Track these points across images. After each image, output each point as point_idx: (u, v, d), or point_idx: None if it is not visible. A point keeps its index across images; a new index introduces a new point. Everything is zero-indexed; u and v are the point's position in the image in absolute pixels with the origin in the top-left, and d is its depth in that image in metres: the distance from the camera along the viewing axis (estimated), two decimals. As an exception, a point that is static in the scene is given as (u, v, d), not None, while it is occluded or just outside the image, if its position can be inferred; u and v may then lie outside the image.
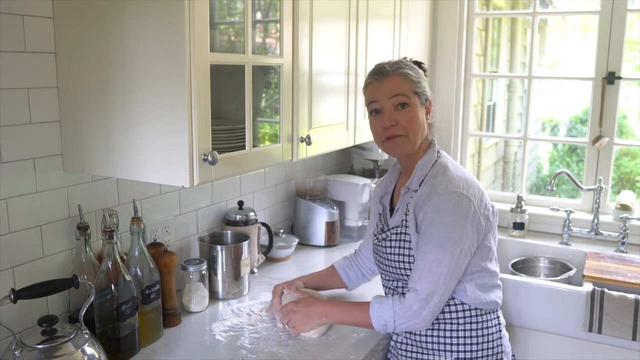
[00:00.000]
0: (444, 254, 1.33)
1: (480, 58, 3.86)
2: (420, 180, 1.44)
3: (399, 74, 1.44)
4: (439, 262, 1.33)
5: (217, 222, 2.01)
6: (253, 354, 1.45)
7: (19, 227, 1.36)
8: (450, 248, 1.33)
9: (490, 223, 1.42)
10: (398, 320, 1.36)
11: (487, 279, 1.44)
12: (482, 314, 1.44)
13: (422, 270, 1.35)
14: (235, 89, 1.51)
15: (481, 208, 1.38)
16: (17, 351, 1.13)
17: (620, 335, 1.94)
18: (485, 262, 1.43)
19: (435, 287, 1.33)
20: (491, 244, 1.44)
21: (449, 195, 1.35)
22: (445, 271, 1.33)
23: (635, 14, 2.48)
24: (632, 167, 5.11)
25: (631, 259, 2.31)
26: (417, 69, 1.49)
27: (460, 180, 1.39)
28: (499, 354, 1.46)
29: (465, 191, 1.36)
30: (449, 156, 1.51)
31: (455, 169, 1.44)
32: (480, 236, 1.39)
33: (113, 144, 1.35)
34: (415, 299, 1.34)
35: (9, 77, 1.30)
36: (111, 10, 1.28)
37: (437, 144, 1.52)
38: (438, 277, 1.33)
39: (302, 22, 1.61)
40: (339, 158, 2.79)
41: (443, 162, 1.45)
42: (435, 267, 1.33)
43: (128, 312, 1.39)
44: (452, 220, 1.34)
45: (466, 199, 1.35)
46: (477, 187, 1.41)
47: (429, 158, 1.46)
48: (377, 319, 1.38)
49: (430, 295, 1.33)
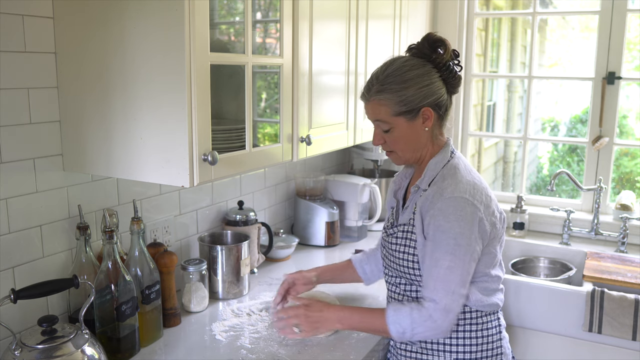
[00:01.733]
0: (456, 261, 1.32)
1: (480, 58, 3.86)
2: (431, 179, 1.42)
3: (375, 100, 1.40)
4: (452, 270, 1.32)
5: (217, 222, 2.01)
6: (253, 354, 1.45)
7: (19, 227, 1.36)
8: (461, 255, 1.32)
9: (497, 230, 1.40)
10: (417, 329, 1.34)
11: (489, 283, 1.43)
12: (483, 315, 1.44)
13: (437, 280, 1.33)
14: (235, 89, 1.51)
15: (487, 215, 1.36)
16: (17, 351, 1.13)
17: (620, 335, 1.94)
18: (489, 268, 1.42)
19: (452, 297, 1.32)
20: (496, 251, 1.43)
21: (456, 200, 1.34)
22: (459, 280, 1.32)
23: (635, 14, 2.48)
24: (632, 167, 5.11)
25: (631, 259, 2.31)
26: (408, 77, 1.37)
27: (469, 185, 1.36)
28: (498, 355, 1.46)
29: (471, 197, 1.34)
30: (463, 157, 1.48)
31: (467, 172, 1.41)
32: (485, 242, 1.38)
33: (113, 144, 1.35)
34: (435, 309, 1.32)
35: (9, 77, 1.30)
36: (111, 10, 1.28)
37: (451, 144, 1.49)
38: (454, 286, 1.32)
39: (302, 22, 1.61)
40: (339, 158, 2.79)
41: (455, 163, 1.43)
42: (449, 276, 1.32)
43: (128, 312, 1.39)
44: (459, 226, 1.32)
45: (471, 205, 1.33)
46: (486, 193, 1.39)
47: (441, 158, 1.44)
48: (394, 325, 1.35)
49: (449, 305, 1.32)
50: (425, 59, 1.40)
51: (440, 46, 1.39)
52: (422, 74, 1.38)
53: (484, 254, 1.39)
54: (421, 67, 1.39)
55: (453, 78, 1.42)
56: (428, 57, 1.40)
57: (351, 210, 2.44)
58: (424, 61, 1.40)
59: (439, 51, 1.39)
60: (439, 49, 1.39)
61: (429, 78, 1.38)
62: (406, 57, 1.43)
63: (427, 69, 1.39)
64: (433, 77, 1.39)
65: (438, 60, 1.39)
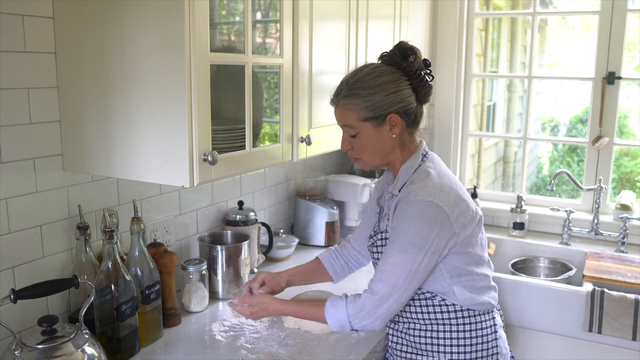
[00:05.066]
0: (405, 259, 1.34)
1: (480, 58, 3.86)
2: (402, 185, 1.43)
3: (343, 105, 1.41)
4: (400, 267, 1.34)
5: (217, 222, 2.01)
6: (253, 354, 1.45)
7: (19, 227, 1.36)
8: (412, 254, 1.33)
9: (468, 230, 1.40)
10: (353, 321, 1.38)
11: (476, 281, 1.44)
12: (476, 314, 1.44)
13: (382, 272, 1.36)
14: (235, 89, 1.51)
15: (454, 215, 1.36)
16: (17, 351, 1.13)
17: (620, 335, 1.94)
18: (471, 266, 1.42)
19: (392, 289, 1.35)
20: (475, 250, 1.43)
21: (419, 203, 1.34)
22: (405, 275, 1.34)
23: (635, 14, 2.48)
24: (632, 167, 5.11)
25: (631, 259, 2.31)
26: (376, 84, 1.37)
27: (435, 187, 1.37)
28: (494, 355, 1.46)
29: (436, 199, 1.34)
30: (436, 159, 1.48)
31: (437, 174, 1.41)
32: (452, 242, 1.37)
33: (113, 144, 1.35)
34: (369, 299, 1.36)
35: (9, 77, 1.30)
36: (111, 10, 1.28)
37: (424, 147, 1.48)
38: (397, 280, 1.34)
39: (302, 22, 1.61)
40: (339, 158, 2.79)
41: (426, 166, 1.43)
42: (395, 271, 1.34)
43: (128, 312, 1.39)
44: (416, 227, 1.33)
45: (436, 207, 1.34)
46: (455, 194, 1.38)
47: (412, 163, 1.44)
48: (332, 321, 1.40)
49: (386, 296, 1.35)
50: (395, 67, 1.41)
51: (411, 55, 1.41)
52: (390, 81, 1.39)
53: (461, 253, 1.40)
54: (390, 74, 1.40)
55: (424, 87, 1.43)
56: (398, 65, 1.41)
57: (351, 210, 2.44)
58: (394, 69, 1.41)
59: (409, 59, 1.40)
60: (409, 57, 1.40)
61: (398, 85, 1.39)
62: (377, 64, 1.44)
63: (396, 76, 1.40)
64: (402, 84, 1.40)
65: (408, 69, 1.40)
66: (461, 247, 1.39)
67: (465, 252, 1.41)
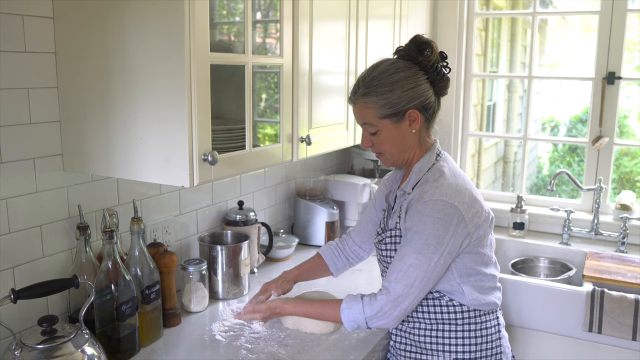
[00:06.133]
0: (421, 259, 1.33)
1: (480, 58, 3.86)
2: (415, 183, 1.43)
3: (361, 103, 1.41)
4: (416, 267, 1.34)
5: (217, 222, 2.01)
6: (253, 354, 1.45)
7: (19, 227, 1.36)
8: (428, 254, 1.33)
9: (481, 231, 1.40)
10: (370, 321, 1.39)
11: (484, 282, 1.44)
12: (481, 314, 1.44)
13: (398, 272, 1.36)
14: (235, 89, 1.51)
15: (469, 215, 1.36)
16: (17, 351, 1.13)
17: (620, 335, 1.94)
18: (480, 266, 1.43)
19: (409, 290, 1.34)
20: (485, 251, 1.43)
21: (434, 203, 1.34)
22: (422, 276, 1.34)
23: (635, 14, 2.48)
24: (632, 167, 5.12)
25: (631, 259, 2.31)
26: (394, 80, 1.37)
27: (451, 187, 1.36)
28: (498, 354, 1.46)
29: (452, 199, 1.34)
30: (449, 159, 1.49)
31: (451, 174, 1.41)
32: (466, 242, 1.37)
33: (113, 144, 1.35)
34: (386, 300, 1.36)
35: (9, 77, 1.30)
36: (111, 10, 1.28)
37: (438, 146, 1.49)
38: (413, 280, 1.34)
39: (302, 22, 1.61)
40: (339, 158, 2.79)
41: (440, 165, 1.43)
42: (411, 271, 1.34)
43: (128, 312, 1.39)
44: (433, 227, 1.33)
45: (452, 207, 1.34)
46: (469, 194, 1.38)
47: (426, 161, 1.44)
48: (349, 322, 1.40)
49: (403, 297, 1.35)
50: (412, 62, 1.40)
51: (427, 48, 1.39)
52: (408, 77, 1.38)
53: (472, 253, 1.40)
54: (407, 69, 1.39)
55: (441, 80, 1.42)
56: (415, 60, 1.40)
57: (351, 210, 2.44)
58: (411, 63, 1.40)
59: (425, 53, 1.39)
60: (425, 51, 1.39)
61: (415, 80, 1.38)
62: (393, 59, 1.43)
63: (413, 71, 1.39)
64: (419, 79, 1.39)
65: (425, 63, 1.39)
66: (473, 247, 1.40)
67: (476, 252, 1.41)
